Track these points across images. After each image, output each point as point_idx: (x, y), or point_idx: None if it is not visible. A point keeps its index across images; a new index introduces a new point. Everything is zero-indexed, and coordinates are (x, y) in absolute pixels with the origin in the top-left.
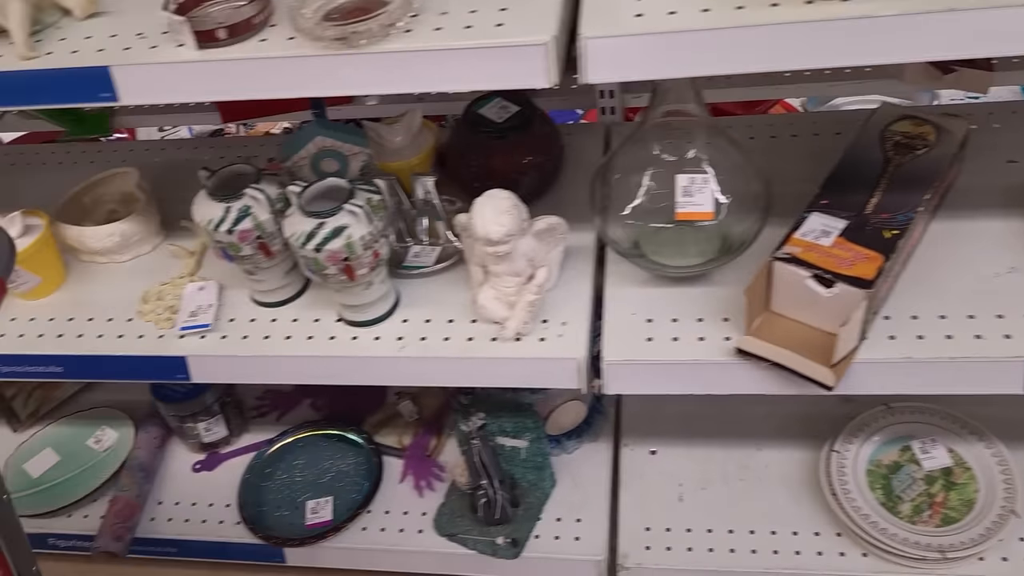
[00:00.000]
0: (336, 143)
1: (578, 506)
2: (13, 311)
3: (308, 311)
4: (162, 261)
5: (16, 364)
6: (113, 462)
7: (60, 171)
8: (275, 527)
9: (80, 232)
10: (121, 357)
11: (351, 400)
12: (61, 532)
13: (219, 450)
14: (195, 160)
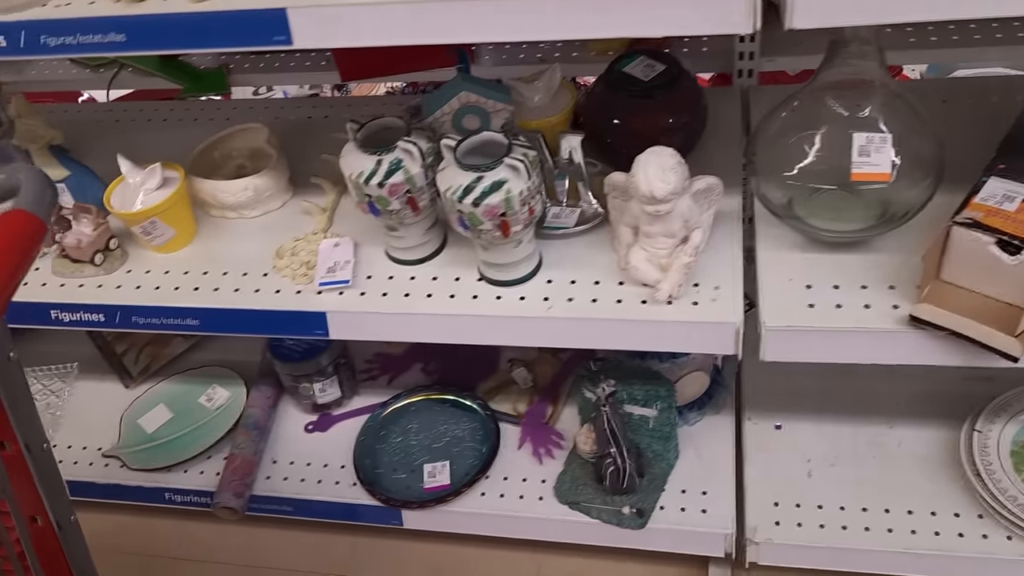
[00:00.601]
0: (480, 99)
1: (703, 478)
2: (147, 263)
3: (448, 269)
4: (291, 217)
5: (153, 316)
6: (226, 420)
7: (180, 128)
8: (392, 490)
9: (214, 186)
10: (258, 312)
11: (463, 366)
12: (178, 487)
13: (331, 411)
14: (313, 118)
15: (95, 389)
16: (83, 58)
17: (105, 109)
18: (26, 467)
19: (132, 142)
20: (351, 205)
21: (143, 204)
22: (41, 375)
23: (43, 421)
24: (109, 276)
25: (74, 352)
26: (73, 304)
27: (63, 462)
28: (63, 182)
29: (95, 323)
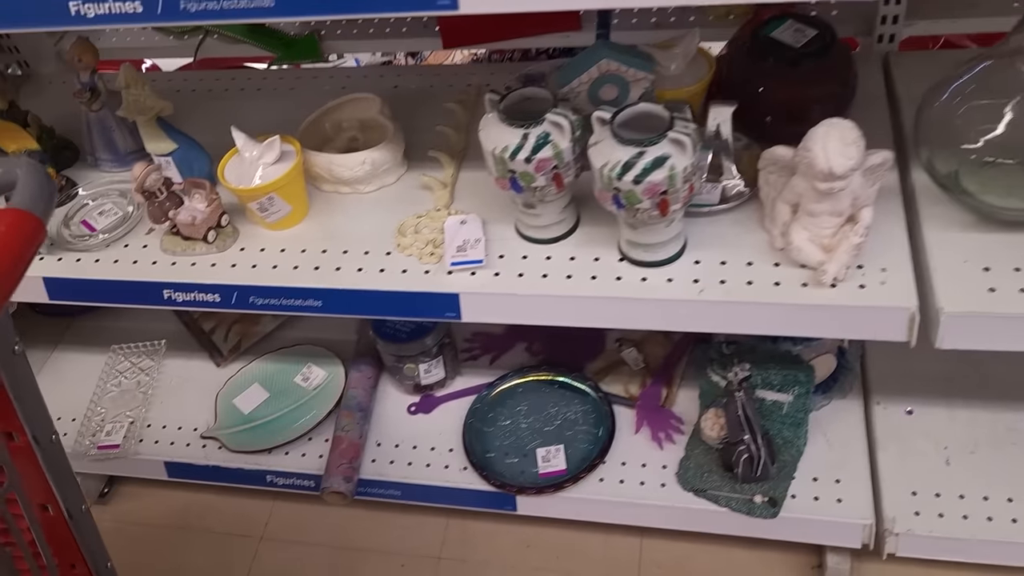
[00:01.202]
0: (621, 67)
1: (835, 466)
2: (262, 240)
3: (584, 248)
4: (408, 192)
5: (272, 296)
6: (324, 400)
7: (275, 97)
8: (506, 474)
9: (329, 160)
10: (385, 293)
11: (568, 345)
12: (280, 470)
13: (434, 392)
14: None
15: (185, 367)
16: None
17: (193, 79)
18: (35, 458)
19: (227, 113)
20: (470, 179)
21: (262, 179)
22: (129, 352)
23: (135, 400)
24: (222, 254)
25: (158, 329)
26: (187, 284)
27: (159, 442)
28: (170, 155)
29: (210, 304)
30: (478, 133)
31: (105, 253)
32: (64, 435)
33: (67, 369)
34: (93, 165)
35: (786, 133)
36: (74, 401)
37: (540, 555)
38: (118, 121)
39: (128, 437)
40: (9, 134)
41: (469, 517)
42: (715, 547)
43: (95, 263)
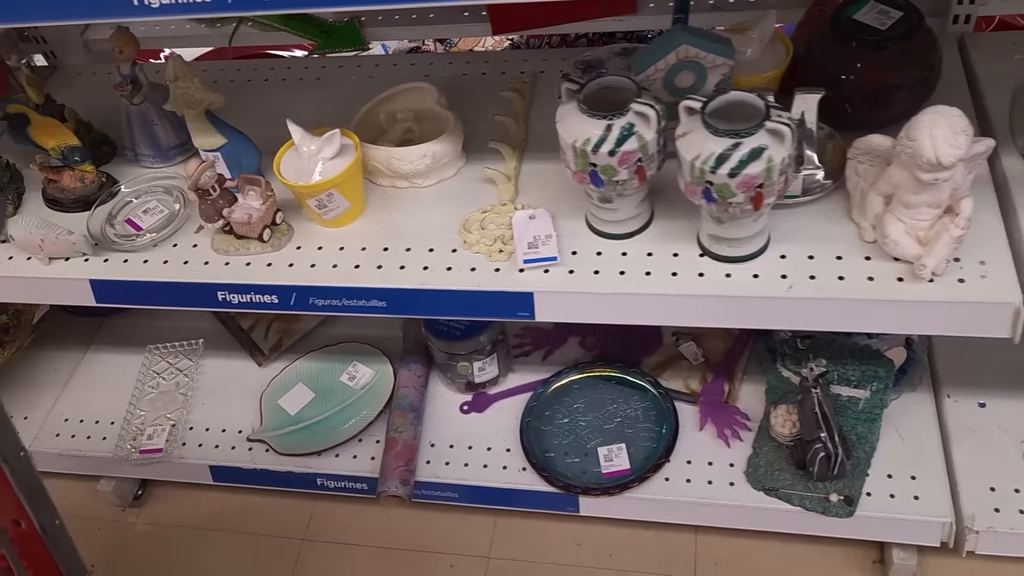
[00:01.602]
0: (700, 53)
1: (909, 462)
2: (318, 238)
3: (661, 244)
4: (468, 186)
5: (334, 297)
6: (372, 400)
7: (316, 88)
8: (567, 474)
9: (388, 153)
10: (455, 292)
11: (624, 340)
12: (331, 473)
13: (487, 390)
14: (469, 75)
15: (224, 367)
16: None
17: (229, 68)
18: (3, 475)
19: (267, 105)
20: (532, 171)
21: (322, 175)
22: (166, 352)
23: (175, 402)
24: (277, 253)
25: (194, 328)
26: (243, 285)
27: (203, 446)
28: (219, 151)
29: (267, 305)
30: (556, 124)
31: (153, 253)
32: (103, 439)
33: (101, 370)
34: (133, 160)
35: (867, 120)
36: (111, 403)
37: (592, 553)
38: (160, 114)
39: (170, 441)
40: (48, 130)
41: (517, 515)
42: (772, 542)
43: (143, 264)
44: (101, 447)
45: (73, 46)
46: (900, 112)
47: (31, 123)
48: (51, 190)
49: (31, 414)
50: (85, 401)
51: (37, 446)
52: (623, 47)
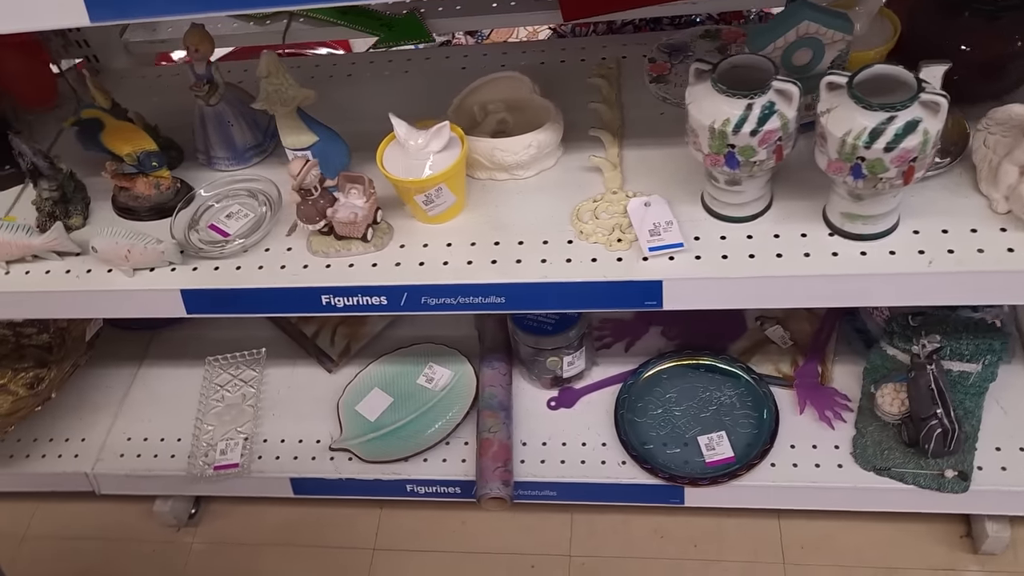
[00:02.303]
0: (820, 29)
1: (1015, 434)
2: (423, 236)
3: (786, 225)
4: (569, 176)
5: (448, 296)
6: (455, 401)
7: (384, 81)
8: (670, 465)
9: (492, 145)
10: (577, 284)
11: (707, 327)
12: (421, 478)
13: (573, 385)
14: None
15: (290, 375)
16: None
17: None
18: None
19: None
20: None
21: (432, 169)
22: (227, 364)
23: (243, 414)
24: (381, 253)
25: (250, 337)
26: (348, 287)
27: (280, 458)
28: (309, 149)
29: (375, 307)
30: (688, 106)
31: (244, 259)
32: (172, 457)
33: (157, 385)
34: (206, 164)
35: (981, 91)
36: (173, 420)
37: (676, 545)
38: (236, 115)
39: (245, 455)
40: (124, 135)
41: (594, 511)
42: (854, 523)
43: (236, 271)
44: (170, 465)
45: (114, 49)
46: (1014, 82)
47: (105, 128)
48: (123, 198)
49: (88, 435)
50: (145, 419)
51: (100, 468)
52: (705, 29)
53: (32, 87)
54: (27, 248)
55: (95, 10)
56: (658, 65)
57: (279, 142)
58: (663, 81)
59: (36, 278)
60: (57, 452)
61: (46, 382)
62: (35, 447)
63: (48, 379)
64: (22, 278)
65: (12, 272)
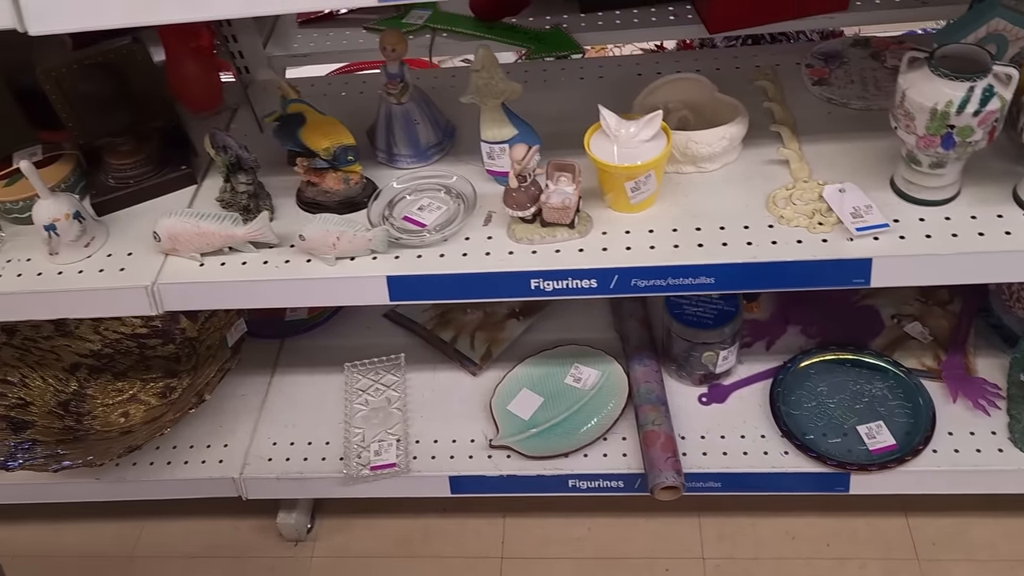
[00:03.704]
0: (1008, 26)
1: None
2: (623, 224)
3: (981, 208)
4: (753, 168)
5: (657, 277)
6: (608, 398)
7: (545, 88)
8: (834, 454)
9: (688, 137)
10: (787, 264)
11: (845, 325)
12: (584, 473)
13: (721, 381)
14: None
15: (432, 380)
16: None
17: (441, 75)
18: None
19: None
20: (809, 152)
21: (644, 156)
22: (366, 369)
23: (391, 417)
24: (584, 239)
25: (379, 344)
26: (558, 271)
27: (436, 458)
28: (508, 142)
29: (584, 290)
30: (906, 90)
31: (446, 248)
32: (323, 460)
33: (294, 391)
34: (386, 162)
35: None
36: (317, 423)
37: (809, 544)
38: (422, 114)
39: (400, 455)
40: (324, 129)
41: (722, 514)
42: (982, 518)
43: (440, 258)
44: (322, 468)
45: (260, 62)
46: None
47: (306, 123)
48: (311, 193)
49: (230, 441)
50: (288, 424)
51: (249, 472)
52: (855, 39)
53: (202, 92)
54: (230, 238)
55: None
56: (817, 70)
57: (457, 140)
58: (825, 84)
59: (233, 269)
60: (200, 458)
61: (178, 391)
62: (175, 454)
63: (180, 388)
64: (219, 269)
65: (207, 264)
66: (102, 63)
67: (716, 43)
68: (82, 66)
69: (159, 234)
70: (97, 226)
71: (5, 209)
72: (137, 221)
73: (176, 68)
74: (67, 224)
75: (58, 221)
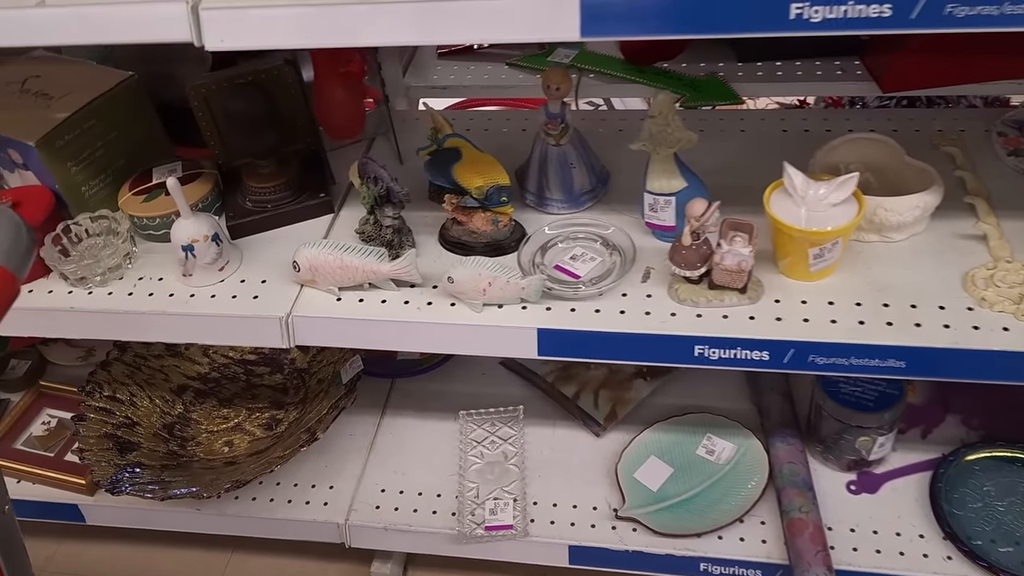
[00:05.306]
0: None
1: None
2: (798, 292)
3: None
4: (943, 241)
5: (840, 355)
6: (744, 476)
7: (709, 139)
8: (1006, 565)
9: (878, 203)
10: (991, 353)
11: (1013, 418)
12: (718, 557)
13: (872, 469)
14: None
15: (552, 437)
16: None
17: (592, 117)
18: None
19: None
20: (1009, 228)
21: (835, 222)
22: (482, 419)
23: (508, 474)
24: (756, 306)
25: (495, 394)
26: (727, 339)
27: (556, 523)
28: (676, 195)
29: (754, 362)
30: None
31: (602, 303)
32: (433, 513)
33: (405, 435)
34: (535, 205)
35: None
36: (428, 472)
37: None
38: (579, 157)
39: (518, 516)
40: (479, 167)
41: None
42: None
43: (596, 314)
44: (433, 522)
45: (399, 92)
46: None
47: (462, 159)
48: (456, 232)
49: (337, 483)
50: (397, 470)
51: (356, 519)
52: None
53: (346, 119)
54: (374, 274)
55: (588, 25)
56: (1011, 139)
57: (611, 187)
58: (1021, 155)
59: (372, 306)
60: (305, 498)
61: (284, 424)
62: (279, 491)
63: (287, 421)
64: (357, 306)
65: (345, 299)
66: (252, 82)
67: (867, 103)
68: (232, 84)
69: (299, 264)
70: (232, 249)
71: (142, 225)
72: (271, 247)
73: (323, 92)
74: (205, 246)
75: (197, 242)
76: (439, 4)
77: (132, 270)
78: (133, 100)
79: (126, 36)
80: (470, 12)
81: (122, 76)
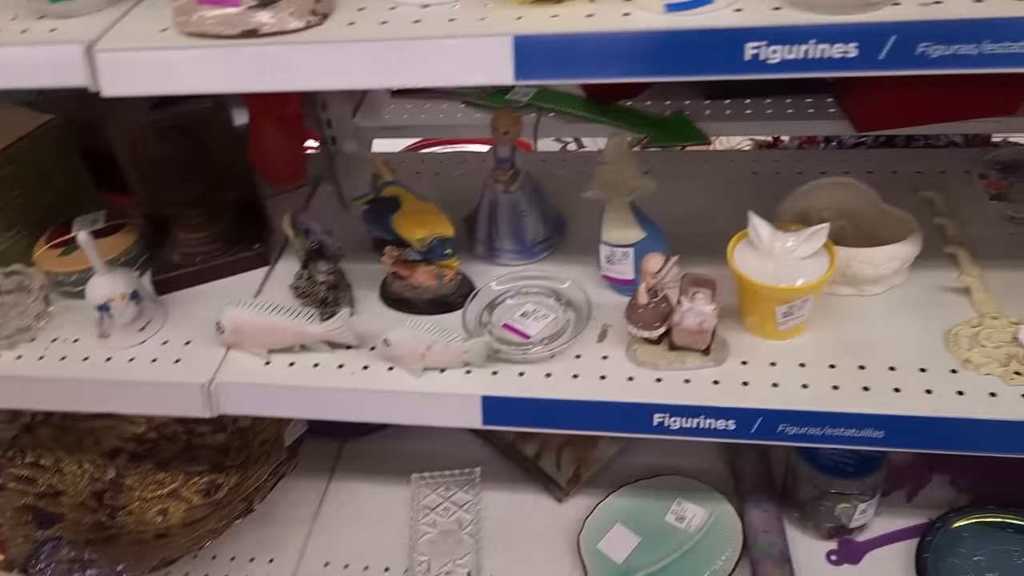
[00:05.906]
0: None
1: None
2: (766, 352)
3: None
4: (922, 295)
5: (812, 424)
6: (718, 546)
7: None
8: None
9: (851, 255)
10: (980, 422)
11: (1004, 479)
12: None
13: (854, 537)
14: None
15: (509, 502)
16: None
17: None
18: None
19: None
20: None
21: (805, 278)
22: (435, 483)
23: (462, 545)
24: (720, 368)
25: (449, 454)
26: (689, 407)
27: None
28: (632, 246)
29: (719, 432)
30: None
31: (554, 366)
32: None
33: (353, 502)
34: (485, 257)
35: None
36: (376, 544)
37: None
38: (531, 205)
39: None
40: (421, 217)
41: None
42: None
43: (546, 378)
44: None
45: (347, 133)
46: None
47: (401, 208)
48: (397, 287)
49: (277, 556)
50: (343, 542)
51: None
52: None
53: (284, 164)
54: (303, 336)
55: (523, 69)
56: (993, 181)
57: (568, 238)
58: (1006, 199)
59: (303, 371)
60: (242, 574)
61: (224, 490)
62: (214, 567)
63: (227, 486)
64: (286, 370)
65: (273, 362)
66: (180, 126)
67: (843, 141)
68: (159, 128)
69: (223, 325)
70: (155, 307)
71: (59, 281)
72: (199, 303)
73: (259, 136)
74: (122, 305)
75: (113, 301)
76: (366, 45)
77: (46, 330)
78: (56, 145)
79: (18, 80)
80: (401, 52)
81: (42, 119)
